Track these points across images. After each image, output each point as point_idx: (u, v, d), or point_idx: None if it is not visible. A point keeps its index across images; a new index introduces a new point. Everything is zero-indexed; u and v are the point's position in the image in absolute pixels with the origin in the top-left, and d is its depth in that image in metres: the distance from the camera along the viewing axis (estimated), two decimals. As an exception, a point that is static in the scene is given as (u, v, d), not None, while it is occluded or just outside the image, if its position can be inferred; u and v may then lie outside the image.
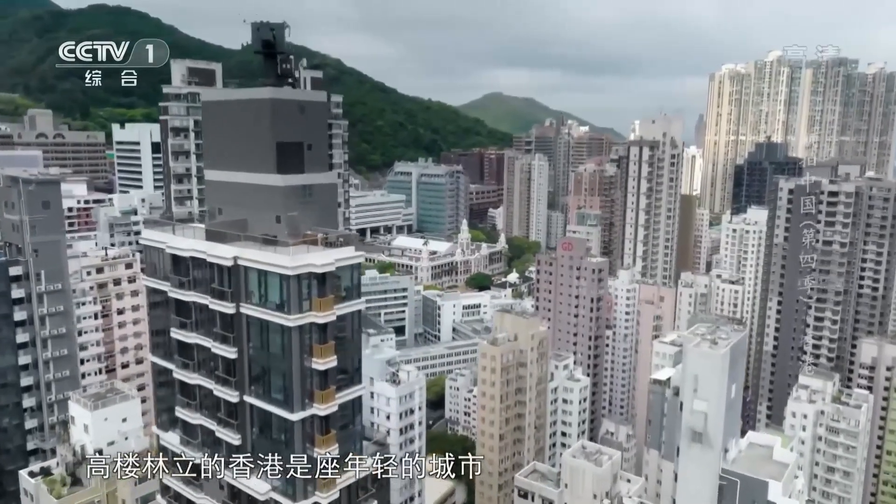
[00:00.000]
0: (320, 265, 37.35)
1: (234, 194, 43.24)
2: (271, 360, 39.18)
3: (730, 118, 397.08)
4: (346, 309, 39.55)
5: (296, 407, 37.93)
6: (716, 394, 49.06)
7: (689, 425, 50.67)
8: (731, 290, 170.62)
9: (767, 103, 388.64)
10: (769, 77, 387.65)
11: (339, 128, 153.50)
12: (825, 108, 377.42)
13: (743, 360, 53.90)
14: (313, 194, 42.19)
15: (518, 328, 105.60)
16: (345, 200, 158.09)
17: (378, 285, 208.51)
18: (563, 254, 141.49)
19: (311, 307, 37.60)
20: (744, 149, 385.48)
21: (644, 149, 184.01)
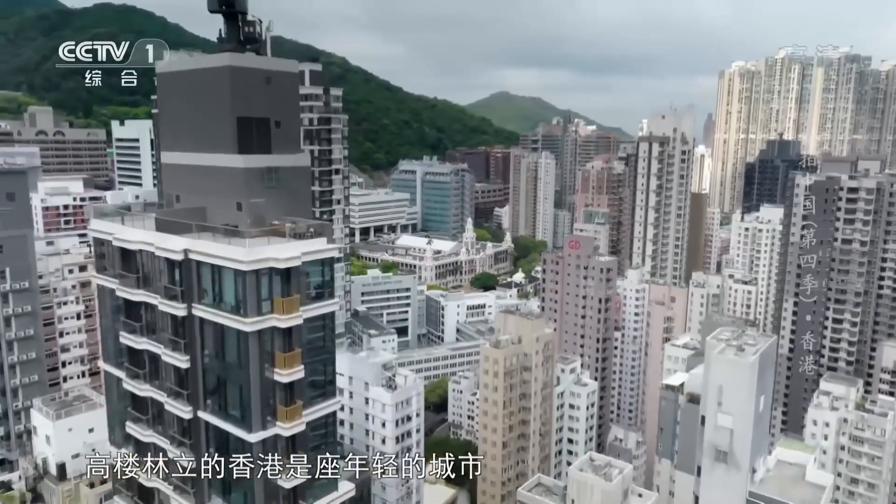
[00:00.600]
0: (283, 259, 31.54)
1: (192, 179, 37.50)
2: (227, 371, 33.37)
3: (740, 116, 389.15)
4: (316, 310, 33.75)
5: (254, 426, 32.11)
6: (743, 407, 42.94)
7: (713, 443, 44.54)
8: (743, 290, 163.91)
9: (778, 101, 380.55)
10: (780, 74, 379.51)
11: (338, 122, 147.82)
12: (837, 105, 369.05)
13: (772, 369, 47.74)
14: (281, 178, 36.38)
15: (522, 330, 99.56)
16: (345, 197, 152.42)
17: (381, 285, 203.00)
18: (570, 252, 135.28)
19: (273, 309, 31.78)
20: (754, 147, 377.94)
21: (654, 145, 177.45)
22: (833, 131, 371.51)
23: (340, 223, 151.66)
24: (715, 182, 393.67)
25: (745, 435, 43.37)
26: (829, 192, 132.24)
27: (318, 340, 34.42)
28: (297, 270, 32.26)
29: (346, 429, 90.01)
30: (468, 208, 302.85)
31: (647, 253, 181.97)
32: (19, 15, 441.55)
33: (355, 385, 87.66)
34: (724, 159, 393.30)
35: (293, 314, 31.89)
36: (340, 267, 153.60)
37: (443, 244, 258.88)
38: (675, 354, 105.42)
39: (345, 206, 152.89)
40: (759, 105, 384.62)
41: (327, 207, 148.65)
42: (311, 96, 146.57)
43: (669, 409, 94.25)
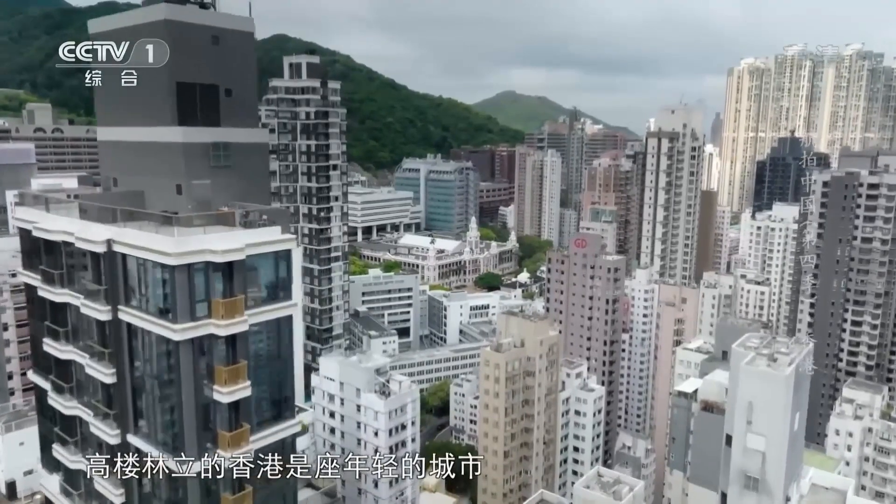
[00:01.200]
0: (222, 251, 25.48)
1: (129, 158, 31.57)
2: (157, 387, 27.35)
3: (749, 114, 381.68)
4: (268, 314, 27.73)
5: (188, 453, 26.10)
6: (778, 428, 36.64)
7: (742, 468, 38.25)
8: (756, 291, 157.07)
9: (788, 98, 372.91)
10: (790, 71, 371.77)
11: (336, 116, 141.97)
12: (849, 103, 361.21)
13: (807, 383, 41.35)
14: (233, 156, 30.40)
15: (525, 332, 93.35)
16: (343, 194, 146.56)
17: (382, 285, 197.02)
18: (577, 251, 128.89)
19: (211, 312, 25.75)
20: (763, 146, 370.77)
21: (663, 141, 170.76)
22: (844, 129, 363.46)
23: (338, 221, 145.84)
24: (723, 181, 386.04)
25: (779, 459, 37.10)
26: (847, 188, 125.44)
27: (272, 350, 28.44)
28: (242, 265, 26.24)
29: (338, 437, 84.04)
30: (472, 207, 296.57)
31: (655, 252, 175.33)
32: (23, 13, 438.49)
33: (346, 391, 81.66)
34: (733, 158, 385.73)
35: (236, 319, 25.87)
36: (339, 266, 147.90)
37: (446, 243, 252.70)
38: (688, 359, 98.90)
39: (343, 204, 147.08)
40: (769, 103, 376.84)
41: (325, 204, 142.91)
42: (307, 89, 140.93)
43: (682, 417, 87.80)
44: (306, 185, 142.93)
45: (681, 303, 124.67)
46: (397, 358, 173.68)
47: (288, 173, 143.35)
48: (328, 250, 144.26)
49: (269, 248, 27.51)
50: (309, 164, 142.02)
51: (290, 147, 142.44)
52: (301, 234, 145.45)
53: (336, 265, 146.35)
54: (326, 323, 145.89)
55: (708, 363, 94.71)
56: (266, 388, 28.15)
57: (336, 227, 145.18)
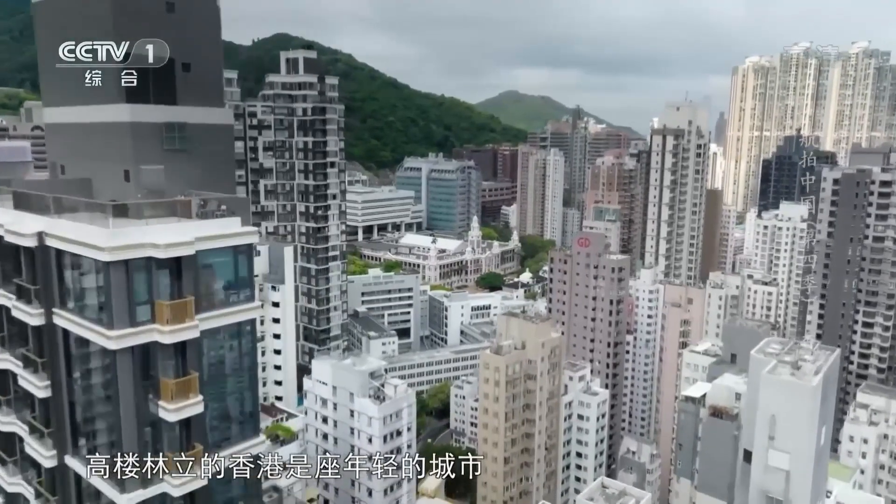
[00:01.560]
0: (165, 246, 21.76)
1: (76, 141, 27.89)
2: (95, 403, 23.66)
3: (753, 113, 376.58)
4: (225, 318, 23.99)
5: (128, 481, 22.39)
6: (803, 443, 32.79)
7: (762, 487, 34.40)
8: (763, 291, 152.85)
9: (794, 97, 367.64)
10: (796, 70, 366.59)
11: (333, 112, 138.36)
12: (855, 101, 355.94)
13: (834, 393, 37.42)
14: (191, 139, 26.68)
15: (527, 334, 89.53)
16: (341, 192, 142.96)
17: (382, 285, 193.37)
18: (580, 250, 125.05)
19: (154, 316, 22.04)
20: (768, 145, 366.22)
21: (668, 138, 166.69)
22: (850, 128, 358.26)
23: (336, 219, 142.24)
24: (728, 181, 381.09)
25: (805, 477, 33.32)
26: (859, 185, 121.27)
27: (231, 359, 24.73)
28: (193, 262, 22.55)
29: (330, 444, 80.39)
30: (475, 206, 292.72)
31: (660, 252, 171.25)
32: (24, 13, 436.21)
33: (339, 396, 78.03)
34: (737, 157, 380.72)
35: (185, 324, 22.19)
36: (337, 266, 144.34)
37: (448, 243, 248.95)
38: (695, 362, 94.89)
39: (341, 202, 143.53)
40: (774, 101, 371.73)
41: (322, 203, 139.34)
42: (304, 85, 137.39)
43: (689, 423, 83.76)
44: (303, 183, 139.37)
45: (687, 304, 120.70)
46: (397, 359, 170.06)
47: (285, 171, 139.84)
48: (325, 249, 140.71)
49: (225, 243, 23.82)
50: (306, 161, 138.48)
51: (287, 144, 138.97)
52: (298, 233, 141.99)
53: (334, 265, 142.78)
54: (324, 324, 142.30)
55: (716, 367, 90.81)
56: (224, 402, 24.44)
57: (334, 225, 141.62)
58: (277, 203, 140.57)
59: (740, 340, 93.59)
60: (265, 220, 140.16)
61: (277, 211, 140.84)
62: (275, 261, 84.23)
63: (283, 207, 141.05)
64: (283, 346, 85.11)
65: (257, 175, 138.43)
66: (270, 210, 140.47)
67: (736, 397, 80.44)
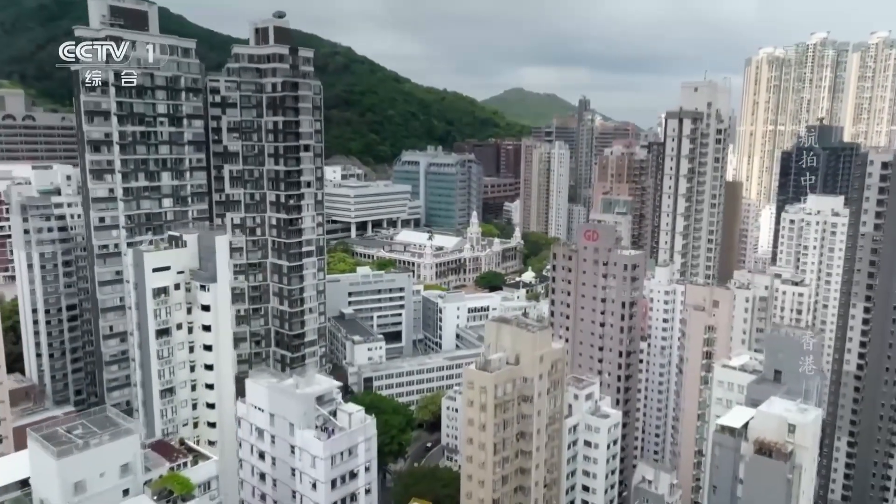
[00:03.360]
0: None
1: None
2: None
3: (767, 106, 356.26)
4: None
5: None
6: None
7: None
8: (793, 293, 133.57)
9: (810, 90, 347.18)
10: (812, 61, 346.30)
11: (307, 89, 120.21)
12: (874, 94, 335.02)
13: None
14: None
15: (521, 346, 71.12)
16: (317, 179, 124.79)
17: (371, 285, 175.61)
18: (587, 245, 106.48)
19: None
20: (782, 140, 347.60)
21: (685, 121, 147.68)
22: (870, 122, 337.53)
23: (311, 210, 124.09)
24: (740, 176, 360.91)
25: None
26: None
27: None
28: None
29: (269, 487, 62.23)
30: (475, 202, 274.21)
31: (675, 248, 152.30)
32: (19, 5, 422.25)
33: (278, 426, 59.76)
34: (751, 152, 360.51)
35: None
36: (312, 263, 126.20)
37: (445, 240, 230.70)
38: (729, 379, 76.26)
39: (316, 190, 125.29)
40: (789, 95, 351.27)
41: (294, 191, 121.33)
42: (273, 57, 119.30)
43: (727, 460, 65.08)
44: (273, 169, 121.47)
45: (712, 307, 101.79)
46: (384, 366, 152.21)
47: (253, 155, 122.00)
48: (299, 244, 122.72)
49: None
50: (276, 143, 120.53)
51: (255, 124, 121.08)
52: (269, 225, 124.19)
53: (309, 261, 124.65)
54: (297, 328, 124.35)
55: (757, 386, 72.13)
56: None
57: (308, 217, 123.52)
58: (245, 191, 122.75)
59: (786, 353, 75.16)
60: (231, 210, 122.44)
61: (245, 200, 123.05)
62: (206, 253, 66.36)
63: (250, 196, 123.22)
64: (215, 360, 67.03)
65: (221, 159, 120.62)
66: (237, 199, 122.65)
67: (789, 430, 62.00)
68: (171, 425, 66.00)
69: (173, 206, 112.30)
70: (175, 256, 64.97)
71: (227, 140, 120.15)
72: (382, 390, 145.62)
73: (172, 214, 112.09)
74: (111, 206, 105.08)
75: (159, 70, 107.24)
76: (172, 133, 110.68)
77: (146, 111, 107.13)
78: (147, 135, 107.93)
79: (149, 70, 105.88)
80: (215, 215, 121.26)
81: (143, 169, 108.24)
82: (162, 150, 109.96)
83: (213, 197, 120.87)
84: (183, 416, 66.79)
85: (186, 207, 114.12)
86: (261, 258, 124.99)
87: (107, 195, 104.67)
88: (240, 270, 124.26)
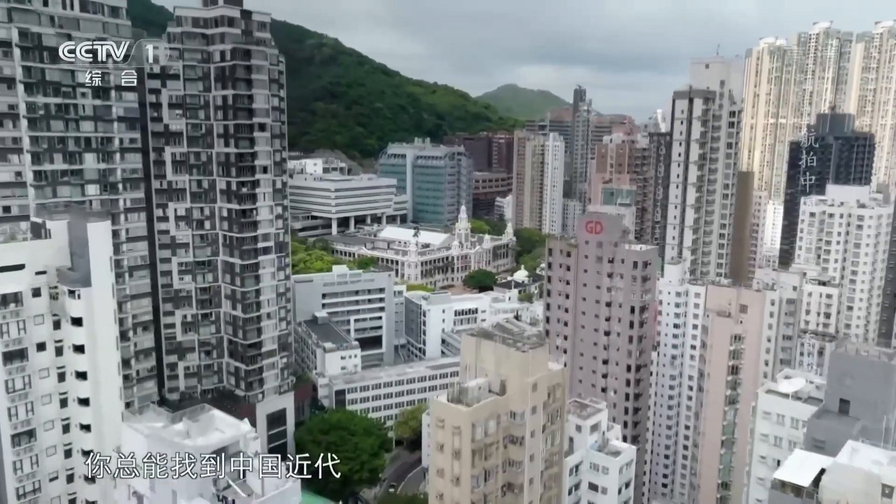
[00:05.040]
0: None
1: None
2: None
3: (769, 99, 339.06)
4: None
5: None
6: None
7: None
8: (821, 294, 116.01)
9: (812, 81, 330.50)
10: (814, 52, 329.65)
11: (262, 58, 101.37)
12: (879, 86, 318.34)
13: None
14: None
15: (508, 368, 52.88)
16: (275, 164, 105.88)
17: (347, 285, 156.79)
18: (588, 239, 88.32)
19: None
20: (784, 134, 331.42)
21: (696, 101, 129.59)
22: (874, 114, 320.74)
23: (269, 199, 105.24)
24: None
25: None
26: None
27: None
28: None
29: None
30: (465, 196, 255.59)
31: (685, 244, 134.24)
32: None
33: (159, 492, 41.24)
34: (751, 147, 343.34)
35: None
36: (270, 261, 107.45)
37: (432, 237, 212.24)
38: (779, 410, 58.06)
39: (275, 177, 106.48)
40: (791, 87, 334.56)
41: (248, 177, 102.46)
42: (221, 20, 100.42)
43: (786, 527, 47.02)
44: (223, 151, 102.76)
45: (738, 312, 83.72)
46: (359, 377, 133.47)
47: (199, 135, 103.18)
48: (253, 239, 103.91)
49: None
50: (226, 122, 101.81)
51: (202, 99, 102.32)
52: (219, 217, 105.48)
53: (266, 259, 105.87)
54: (252, 336, 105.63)
55: (820, 422, 53.87)
56: None
57: (265, 207, 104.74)
58: (190, 178, 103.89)
59: (857, 378, 57.29)
60: (174, 199, 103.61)
61: (191, 188, 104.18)
62: (77, 246, 47.83)
63: (197, 184, 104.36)
64: (92, 391, 48.30)
65: (162, 140, 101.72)
66: (181, 187, 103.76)
67: (883, 492, 44.00)
68: (31, 482, 47.46)
69: (100, 194, 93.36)
70: (31, 251, 46.62)
71: (168, 117, 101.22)
72: (357, 404, 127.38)
73: (99, 203, 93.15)
74: (19, 192, 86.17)
75: (79, 31, 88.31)
76: (98, 107, 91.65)
77: (62, 79, 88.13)
78: (64, 108, 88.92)
79: (65, 31, 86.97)
80: (155, 205, 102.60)
81: (61, 149, 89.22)
82: (84, 127, 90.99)
83: (153, 184, 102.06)
84: (50, 468, 48.35)
85: (117, 196, 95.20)
86: (210, 255, 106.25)
87: (12, 179, 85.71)
88: (186, 270, 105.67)
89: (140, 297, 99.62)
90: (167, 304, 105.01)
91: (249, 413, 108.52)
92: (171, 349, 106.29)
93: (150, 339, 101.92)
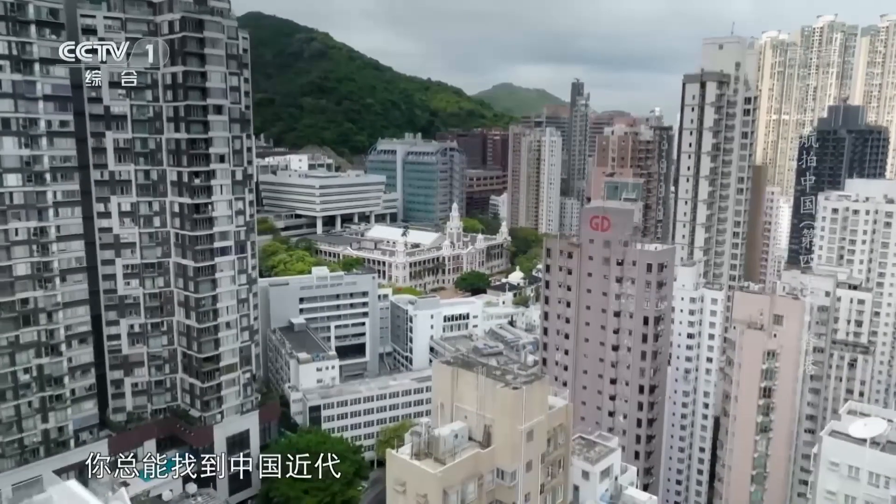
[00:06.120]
0: None
1: None
2: None
3: (771, 94, 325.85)
4: None
5: None
6: None
7: None
8: (853, 299, 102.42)
9: (816, 76, 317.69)
10: (818, 46, 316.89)
11: (218, 29, 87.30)
12: (885, 80, 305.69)
13: None
14: None
15: (495, 410, 38.82)
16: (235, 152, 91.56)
17: (327, 289, 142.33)
18: (594, 237, 74.29)
19: None
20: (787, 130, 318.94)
21: (709, 86, 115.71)
22: (879, 109, 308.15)
23: (227, 192, 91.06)
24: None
25: None
26: None
27: None
28: None
29: None
30: (458, 194, 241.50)
31: (696, 244, 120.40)
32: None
33: None
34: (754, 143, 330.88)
35: None
36: (229, 263, 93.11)
37: (422, 236, 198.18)
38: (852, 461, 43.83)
39: (235, 167, 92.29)
40: (794, 82, 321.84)
41: (202, 167, 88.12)
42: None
43: None
44: (174, 137, 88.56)
45: (772, 324, 69.73)
46: (336, 391, 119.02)
47: (147, 119, 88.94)
48: (209, 238, 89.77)
49: None
50: (176, 103, 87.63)
51: (150, 77, 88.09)
52: (170, 213, 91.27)
53: (224, 261, 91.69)
54: (209, 348, 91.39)
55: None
56: None
57: (222, 202, 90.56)
58: (136, 168, 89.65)
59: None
60: (117, 193, 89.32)
61: (137, 180, 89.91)
62: None
63: (145, 174, 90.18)
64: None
65: (102, 124, 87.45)
66: (125, 178, 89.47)
67: None
68: None
69: (23, 185, 79.02)
70: None
71: (108, 98, 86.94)
72: (333, 421, 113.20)
73: (22, 196, 78.93)
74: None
75: (1, -8, 74.31)
76: (17, 82, 77.32)
77: (-30, 49, 74.11)
78: (-27, 82, 74.93)
79: (-27, -9, 72.90)
80: (95, 199, 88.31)
81: (-31, 131, 75.18)
82: (1, 106, 76.75)
83: (92, 175, 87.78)
84: None
85: (44, 187, 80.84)
86: (161, 256, 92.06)
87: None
88: (132, 273, 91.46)
89: (75, 305, 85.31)
90: (111, 312, 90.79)
91: (206, 436, 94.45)
92: (116, 364, 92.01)
93: (88, 353, 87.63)
